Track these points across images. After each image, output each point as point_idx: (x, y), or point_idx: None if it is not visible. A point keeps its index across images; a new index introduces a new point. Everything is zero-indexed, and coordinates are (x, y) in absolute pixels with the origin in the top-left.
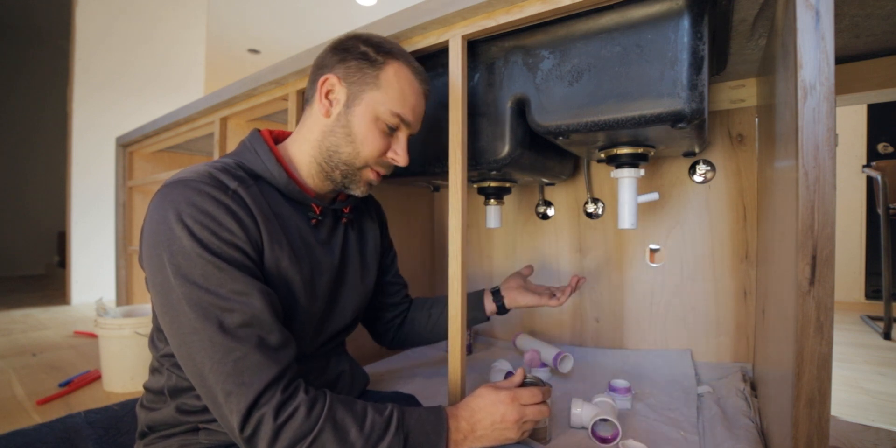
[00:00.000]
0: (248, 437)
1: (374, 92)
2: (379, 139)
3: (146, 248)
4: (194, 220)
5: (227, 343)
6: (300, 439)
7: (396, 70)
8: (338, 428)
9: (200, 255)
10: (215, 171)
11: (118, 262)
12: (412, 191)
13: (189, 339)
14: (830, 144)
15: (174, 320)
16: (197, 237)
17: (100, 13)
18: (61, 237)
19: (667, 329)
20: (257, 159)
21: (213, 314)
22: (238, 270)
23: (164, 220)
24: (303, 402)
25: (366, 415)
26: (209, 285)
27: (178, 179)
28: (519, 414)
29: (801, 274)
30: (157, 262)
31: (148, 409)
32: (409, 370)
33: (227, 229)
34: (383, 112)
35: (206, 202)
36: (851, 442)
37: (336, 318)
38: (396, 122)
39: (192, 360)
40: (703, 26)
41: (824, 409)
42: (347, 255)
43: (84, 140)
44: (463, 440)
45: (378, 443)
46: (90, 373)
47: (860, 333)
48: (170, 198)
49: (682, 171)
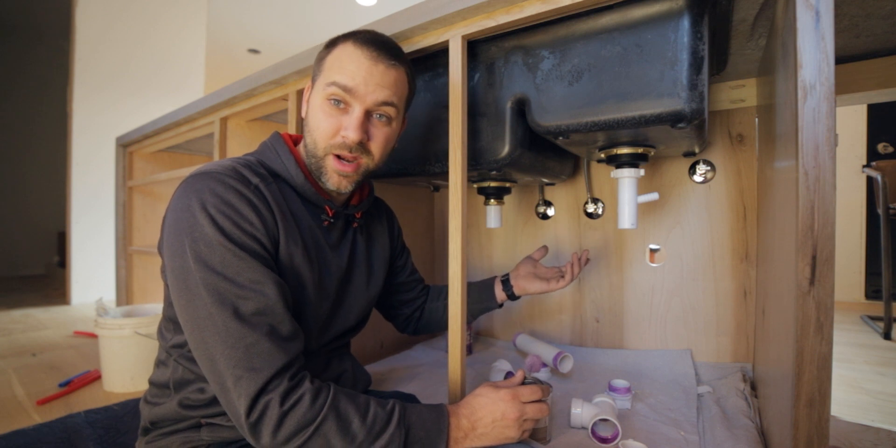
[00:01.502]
0: (254, 422)
1: (319, 78)
2: (325, 118)
3: (168, 234)
4: (217, 210)
5: (241, 329)
6: (304, 427)
7: (342, 49)
8: (341, 418)
9: (221, 242)
10: (239, 167)
11: (118, 262)
12: (412, 191)
13: (204, 323)
14: (830, 144)
15: (190, 304)
16: (219, 225)
17: (100, 13)
18: (61, 237)
19: (667, 329)
20: (277, 159)
21: (228, 300)
22: (255, 260)
23: (188, 208)
24: (308, 390)
25: (368, 407)
26: (227, 272)
27: (203, 171)
28: (519, 411)
29: (801, 274)
30: (179, 247)
31: (151, 404)
32: (409, 370)
33: (247, 220)
34: (323, 89)
35: (229, 194)
36: (851, 442)
37: (340, 319)
38: (334, 91)
39: (205, 344)
40: (703, 26)
41: (824, 409)
42: (355, 260)
43: (84, 140)
44: (464, 438)
45: (379, 435)
46: (90, 373)
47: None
48: (195, 187)
49: (682, 171)
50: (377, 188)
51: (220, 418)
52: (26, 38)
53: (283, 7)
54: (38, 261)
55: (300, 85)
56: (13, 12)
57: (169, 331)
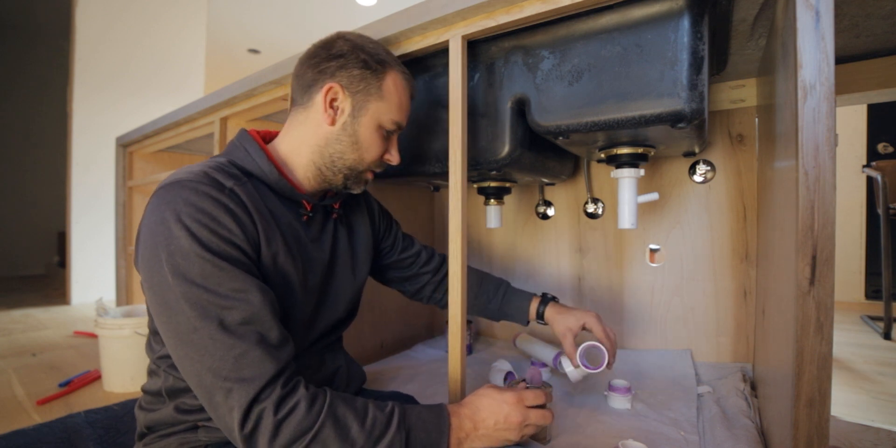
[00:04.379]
0: (248, 433)
1: (378, 102)
2: (380, 145)
3: (143, 250)
4: (193, 219)
5: (227, 340)
6: (301, 435)
7: (394, 79)
8: (339, 424)
9: (199, 254)
10: (210, 171)
11: (118, 262)
12: (412, 191)
13: (188, 337)
14: (830, 144)
15: (171, 320)
16: (195, 236)
17: (100, 13)
18: (61, 237)
19: (667, 329)
20: (248, 157)
21: (212, 312)
22: (237, 268)
23: (162, 221)
24: (303, 397)
25: (367, 411)
26: (208, 284)
27: (173, 180)
28: (523, 416)
29: (801, 274)
30: (155, 262)
31: (146, 410)
32: (409, 370)
33: (225, 227)
34: (386, 121)
35: (203, 201)
36: (851, 442)
37: (327, 312)
38: (396, 128)
39: (190, 360)
40: (703, 26)
41: (824, 409)
42: (337, 251)
43: (84, 140)
44: (465, 438)
45: (380, 439)
46: (90, 373)
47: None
48: (167, 198)
49: (682, 171)
50: (377, 188)
51: None
52: (26, 38)
53: (283, 7)
54: (38, 261)
55: None
56: (13, 12)
57: (157, 342)
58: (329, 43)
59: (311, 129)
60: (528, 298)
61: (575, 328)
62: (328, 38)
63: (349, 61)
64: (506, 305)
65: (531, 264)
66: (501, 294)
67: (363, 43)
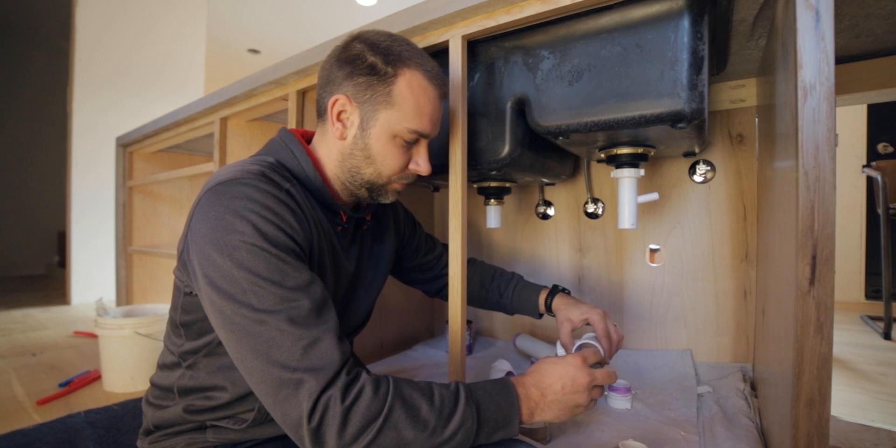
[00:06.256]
0: (316, 426)
1: (387, 111)
2: (399, 156)
3: (203, 245)
4: (258, 215)
5: (296, 331)
6: (371, 421)
7: (409, 81)
8: (408, 405)
9: (265, 248)
10: (266, 171)
11: (118, 262)
12: (412, 191)
13: (254, 329)
14: (830, 144)
15: (236, 314)
16: (262, 231)
17: (100, 13)
18: (61, 237)
19: (667, 329)
20: (294, 160)
21: (279, 305)
22: (300, 262)
23: (224, 217)
24: (367, 382)
25: (432, 390)
26: (274, 277)
27: (230, 178)
28: (590, 376)
29: (801, 274)
30: (218, 258)
31: (155, 406)
32: (409, 370)
33: (288, 224)
34: (400, 130)
35: (267, 199)
36: (851, 442)
37: (349, 322)
38: (415, 137)
39: (255, 353)
40: (703, 26)
41: (824, 409)
42: (362, 262)
43: (84, 140)
44: (535, 407)
45: (451, 417)
46: (90, 373)
47: (860, 333)
48: (228, 195)
49: (682, 171)
50: None
51: (226, 421)
52: (26, 39)
53: (283, 7)
54: (38, 261)
55: (300, 85)
56: (13, 13)
57: (179, 336)
58: (345, 46)
59: (329, 143)
60: (538, 291)
61: (576, 320)
62: (346, 40)
63: (356, 68)
64: (517, 299)
65: (531, 264)
66: (513, 287)
67: (378, 40)
